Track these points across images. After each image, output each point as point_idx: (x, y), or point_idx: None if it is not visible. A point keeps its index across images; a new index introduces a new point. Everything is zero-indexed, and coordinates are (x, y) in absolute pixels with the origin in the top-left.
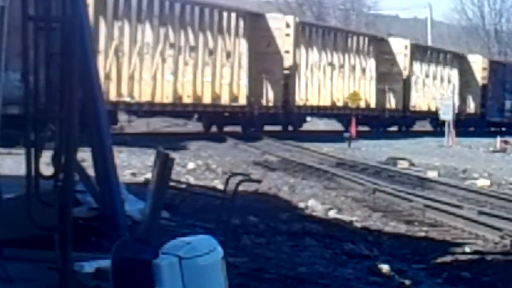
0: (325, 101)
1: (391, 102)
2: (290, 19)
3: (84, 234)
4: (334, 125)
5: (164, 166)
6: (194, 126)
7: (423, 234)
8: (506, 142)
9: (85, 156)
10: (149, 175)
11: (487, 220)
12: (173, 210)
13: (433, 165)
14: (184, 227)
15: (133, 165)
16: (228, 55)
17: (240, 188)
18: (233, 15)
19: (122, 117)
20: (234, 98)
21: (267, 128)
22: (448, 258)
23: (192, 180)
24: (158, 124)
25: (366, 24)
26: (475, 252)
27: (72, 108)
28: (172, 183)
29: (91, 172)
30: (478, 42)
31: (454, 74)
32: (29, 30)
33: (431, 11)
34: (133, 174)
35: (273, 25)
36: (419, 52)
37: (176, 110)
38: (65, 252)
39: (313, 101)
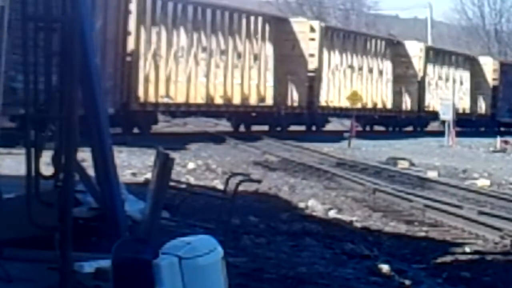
0: (345, 102)
1: (407, 103)
2: (315, 23)
3: (84, 234)
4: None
5: (164, 166)
6: (195, 125)
7: (423, 234)
8: (506, 142)
9: (85, 156)
10: (149, 175)
11: (487, 220)
12: (173, 210)
13: (433, 165)
14: (184, 227)
15: (133, 165)
16: (256, 57)
17: (240, 188)
18: (260, 19)
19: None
20: (261, 99)
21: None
22: (448, 258)
23: (192, 180)
24: (158, 124)
25: (366, 24)
26: (475, 252)
27: (72, 108)
28: (172, 183)
29: (91, 172)
30: (478, 42)
31: (466, 75)
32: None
33: (431, 11)
34: (133, 174)
35: (297, 29)
36: (433, 54)
37: (210, 110)
38: (65, 252)
39: (334, 102)
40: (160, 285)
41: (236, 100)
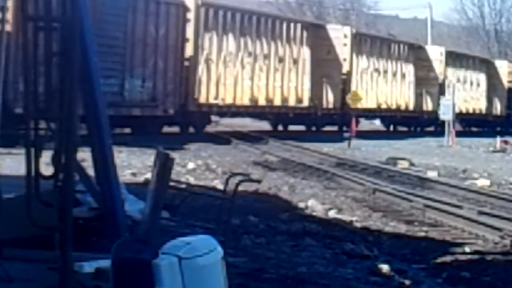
0: (372, 104)
1: (428, 105)
2: (347, 30)
3: (84, 234)
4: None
5: (164, 166)
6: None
7: (423, 234)
8: (506, 142)
9: (85, 156)
10: (149, 175)
11: (487, 220)
12: (173, 210)
13: (433, 165)
14: (184, 227)
15: (133, 165)
16: (294, 61)
17: (240, 188)
18: (298, 26)
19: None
20: (299, 100)
21: (267, 128)
22: (448, 258)
23: (192, 180)
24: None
25: (366, 24)
26: (475, 252)
27: (72, 108)
28: (172, 183)
29: (91, 172)
30: (478, 42)
31: (482, 78)
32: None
33: (431, 11)
34: (133, 174)
35: (333, 35)
36: (452, 58)
37: (257, 112)
38: (65, 252)
39: (363, 104)
40: (160, 285)
41: (277, 101)
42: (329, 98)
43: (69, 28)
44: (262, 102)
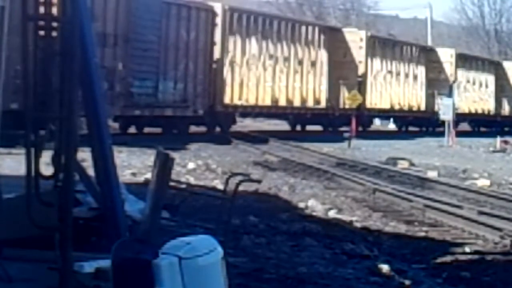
0: (386, 105)
1: (439, 105)
2: (363, 33)
3: (84, 234)
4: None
5: (164, 166)
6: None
7: (423, 234)
8: (506, 142)
9: (85, 156)
10: (149, 175)
11: (487, 220)
12: (173, 210)
13: (433, 165)
14: (184, 227)
15: (133, 165)
16: (313, 64)
17: (240, 188)
18: (316, 29)
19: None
20: (317, 101)
21: (267, 128)
22: (448, 258)
23: (192, 180)
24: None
25: (366, 24)
26: (475, 252)
27: (72, 108)
28: (172, 183)
29: (91, 172)
30: (478, 42)
31: (491, 79)
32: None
33: (431, 11)
34: (133, 174)
35: (349, 38)
36: (462, 60)
37: (278, 112)
38: (65, 252)
39: (377, 105)
40: (160, 285)
41: (296, 102)
42: (345, 99)
43: (69, 28)
44: (282, 103)
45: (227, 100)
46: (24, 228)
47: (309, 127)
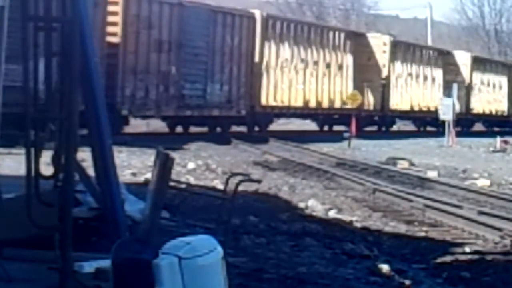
0: (406, 106)
1: (456, 107)
2: (386, 38)
3: (84, 234)
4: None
5: (164, 166)
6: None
7: (423, 234)
8: (506, 142)
9: (85, 156)
10: (149, 175)
11: (487, 220)
12: (173, 210)
13: (433, 165)
14: (184, 227)
15: (133, 165)
16: (339, 67)
17: (240, 188)
18: (342, 34)
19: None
20: (343, 103)
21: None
22: (448, 258)
23: (192, 180)
24: (158, 124)
25: (366, 24)
26: (475, 252)
27: (72, 108)
28: (172, 183)
29: (91, 172)
30: (478, 42)
31: (504, 81)
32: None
33: (431, 11)
34: (133, 174)
35: (373, 43)
36: (477, 62)
37: (310, 113)
38: (65, 252)
39: (399, 106)
40: (160, 285)
41: (325, 103)
42: (370, 101)
43: (69, 28)
44: (313, 104)
45: (264, 101)
46: (24, 228)
47: (309, 127)
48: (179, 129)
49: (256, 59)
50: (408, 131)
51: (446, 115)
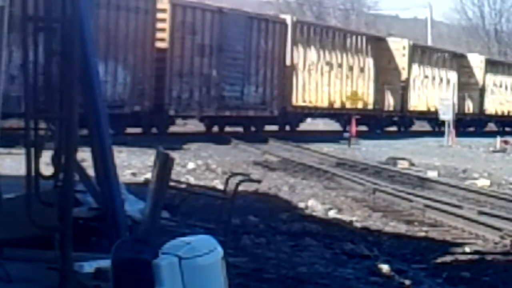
0: (423, 107)
1: (469, 107)
2: (405, 42)
3: (84, 234)
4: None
5: (164, 166)
6: (197, 126)
7: (423, 234)
8: (506, 142)
9: (85, 156)
10: (149, 175)
11: (487, 220)
12: (173, 210)
13: (433, 165)
14: (184, 227)
15: (133, 165)
16: (361, 70)
17: (240, 188)
18: (364, 38)
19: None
20: (365, 104)
21: (267, 128)
22: (448, 258)
23: (192, 180)
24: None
25: (366, 24)
26: (475, 252)
27: (72, 108)
28: (172, 183)
29: (91, 172)
30: (478, 42)
31: None
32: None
33: (431, 11)
34: (133, 174)
35: (393, 47)
36: (490, 65)
37: (335, 113)
38: (65, 252)
39: (418, 107)
40: (160, 285)
41: (348, 104)
42: (390, 102)
43: (69, 28)
44: (337, 105)
45: (294, 102)
46: (24, 228)
47: (309, 127)
48: (177, 128)
49: (288, 62)
50: (409, 131)
51: (446, 115)
